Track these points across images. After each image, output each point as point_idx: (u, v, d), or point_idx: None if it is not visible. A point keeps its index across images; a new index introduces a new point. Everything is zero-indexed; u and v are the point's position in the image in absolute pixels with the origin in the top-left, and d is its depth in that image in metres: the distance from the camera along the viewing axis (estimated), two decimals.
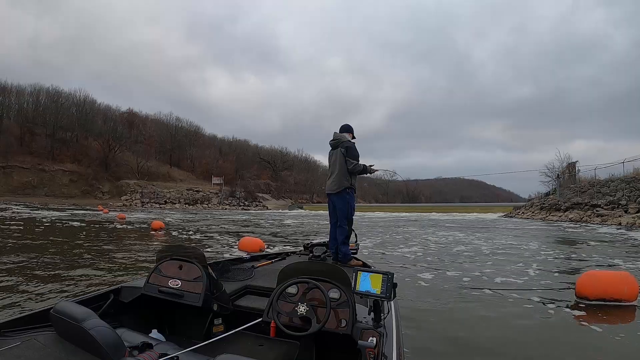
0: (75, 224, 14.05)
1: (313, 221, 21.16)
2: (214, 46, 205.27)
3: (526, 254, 7.66)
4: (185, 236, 10.89)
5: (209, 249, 7.87)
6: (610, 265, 6.19)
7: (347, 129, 4.00)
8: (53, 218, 16.71)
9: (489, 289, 4.47)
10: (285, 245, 8.77)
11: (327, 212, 4.03)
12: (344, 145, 3.81)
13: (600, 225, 15.96)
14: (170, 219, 17.27)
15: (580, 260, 6.95)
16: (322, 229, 14.62)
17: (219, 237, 10.57)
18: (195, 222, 18.24)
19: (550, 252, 7.90)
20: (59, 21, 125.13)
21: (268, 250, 7.12)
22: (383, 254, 7.72)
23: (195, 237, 10.79)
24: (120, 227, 13.50)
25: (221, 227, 14.88)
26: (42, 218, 16.56)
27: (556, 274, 5.46)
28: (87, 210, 26.37)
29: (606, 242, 9.80)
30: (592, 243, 9.44)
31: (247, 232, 12.21)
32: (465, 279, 5.10)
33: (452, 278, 5.16)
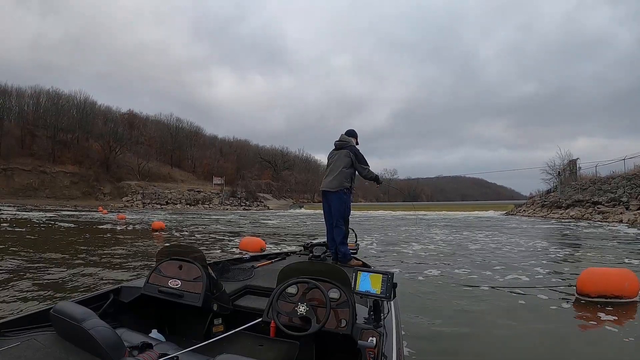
0: (71, 225, 14.06)
1: (299, 221, 21.04)
2: (220, 46, 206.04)
3: (536, 252, 7.61)
4: (184, 236, 10.90)
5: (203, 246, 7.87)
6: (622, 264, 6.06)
7: (352, 134, 4.05)
8: (47, 219, 16.73)
9: (492, 287, 4.46)
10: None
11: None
12: (352, 149, 3.83)
13: (621, 224, 15.16)
14: (160, 219, 17.25)
15: (590, 259, 6.81)
16: (305, 229, 14.54)
17: (220, 238, 10.58)
18: (188, 222, 18.26)
19: (560, 251, 7.82)
20: (62, 21, 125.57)
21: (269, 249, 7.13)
22: (388, 253, 7.69)
23: (195, 237, 10.80)
24: (121, 228, 13.52)
25: (213, 227, 14.90)
26: (36, 220, 16.58)
27: (564, 272, 5.42)
28: (77, 211, 26.22)
29: (622, 241, 9.49)
30: (610, 243, 9.20)
31: (222, 229, 12.22)
32: (470, 276, 5.09)
33: (456, 276, 5.16)
